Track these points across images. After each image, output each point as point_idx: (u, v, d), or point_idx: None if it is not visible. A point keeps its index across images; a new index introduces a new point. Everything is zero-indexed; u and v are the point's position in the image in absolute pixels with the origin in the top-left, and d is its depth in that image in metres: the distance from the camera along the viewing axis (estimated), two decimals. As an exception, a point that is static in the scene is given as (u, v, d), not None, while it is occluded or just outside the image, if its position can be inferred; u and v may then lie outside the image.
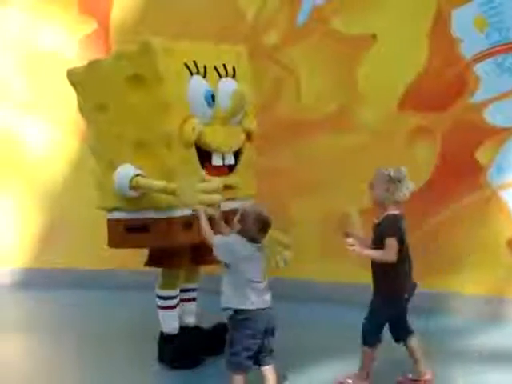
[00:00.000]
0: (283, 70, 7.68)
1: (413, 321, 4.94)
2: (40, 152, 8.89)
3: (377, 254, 4.69)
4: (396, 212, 4.75)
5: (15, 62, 8.90)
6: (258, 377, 4.61)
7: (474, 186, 6.71)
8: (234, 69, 5.53)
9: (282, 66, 7.67)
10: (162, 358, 5.53)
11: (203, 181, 4.99)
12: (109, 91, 5.32)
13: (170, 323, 5.54)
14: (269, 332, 4.55)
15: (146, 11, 8.30)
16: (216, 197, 4.84)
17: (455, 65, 6.76)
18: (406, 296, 4.80)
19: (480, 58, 6.64)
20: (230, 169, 5.50)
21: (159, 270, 5.61)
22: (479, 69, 6.68)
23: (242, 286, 4.49)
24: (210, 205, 4.80)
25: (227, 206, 5.17)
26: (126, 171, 5.19)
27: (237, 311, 4.51)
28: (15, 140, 8.95)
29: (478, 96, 6.69)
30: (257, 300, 4.48)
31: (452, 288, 6.75)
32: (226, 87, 5.38)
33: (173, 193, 4.91)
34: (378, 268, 4.76)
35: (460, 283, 6.77)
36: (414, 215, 6.90)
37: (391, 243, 4.64)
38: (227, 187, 5.37)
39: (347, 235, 4.74)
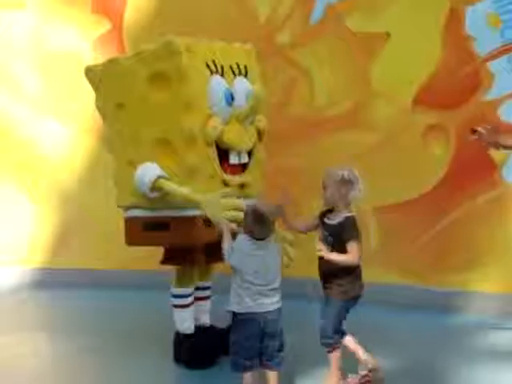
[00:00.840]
0: (297, 69, 7.68)
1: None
2: (56, 152, 8.90)
3: (343, 258, 4.64)
4: (353, 214, 4.75)
5: (30, 63, 8.92)
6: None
7: (489, 183, 6.70)
8: (245, 67, 5.56)
9: (295, 64, 7.67)
10: (178, 358, 5.54)
11: (227, 196, 4.98)
12: (129, 89, 5.32)
13: (184, 322, 5.54)
14: (268, 336, 4.49)
15: (159, 11, 8.30)
16: (239, 214, 4.79)
17: (469, 62, 6.76)
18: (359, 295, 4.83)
19: (494, 55, 6.64)
20: (244, 167, 5.52)
21: (174, 269, 5.63)
22: (493, 66, 6.68)
23: (241, 288, 4.48)
24: (232, 221, 4.78)
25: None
26: (148, 171, 5.20)
27: (234, 313, 4.52)
28: (32, 140, 8.97)
29: (492, 93, 6.69)
30: (252, 304, 4.44)
31: (468, 286, 6.75)
32: (241, 86, 5.39)
33: (195, 203, 4.95)
34: (336, 270, 4.70)
35: (476, 281, 6.76)
36: (429, 213, 6.97)
37: (357, 246, 4.65)
38: (242, 185, 5.42)
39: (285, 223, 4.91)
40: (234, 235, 4.66)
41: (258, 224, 4.48)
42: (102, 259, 8.51)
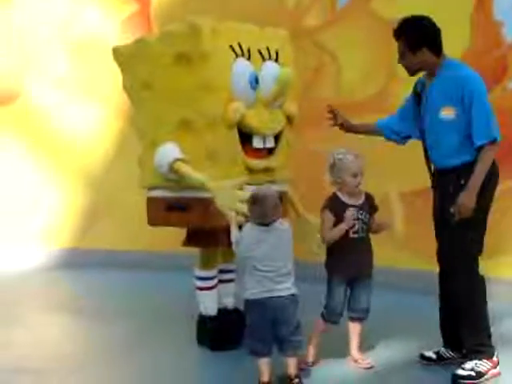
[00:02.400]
0: (324, 52, 7.67)
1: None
2: (85, 133, 8.96)
3: None
4: None
5: (59, 44, 8.96)
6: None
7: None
8: (277, 52, 5.51)
9: (322, 48, 7.65)
10: (201, 340, 5.58)
11: (241, 187, 5.01)
12: (154, 69, 5.35)
13: (208, 304, 5.58)
14: (280, 322, 4.48)
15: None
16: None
17: (497, 48, 6.71)
18: None
19: (523, 41, 6.61)
20: (270, 151, 5.51)
21: (198, 251, 5.65)
22: (521, 53, 6.65)
23: (250, 274, 4.52)
24: (241, 214, 4.82)
25: None
26: (168, 152, 5.24)
27: (246, 299, 4.57)
28: (60, 121, 9.02)
29: (519, 80, 6.66)
30: (262, 290, 4.46)
31: (493, 272, 6.72)
32: (270, 70, 5.36)
33: (208, 190, 4.99)
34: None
35: (501, 267, 6.75)
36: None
37: None
38: (267, 170, 5.42)
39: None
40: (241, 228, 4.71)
41: (256, 207, 4.49)
42: (128, 241, 8.57)
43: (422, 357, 5.05)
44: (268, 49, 5.43)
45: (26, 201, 9.13)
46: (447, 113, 4.73)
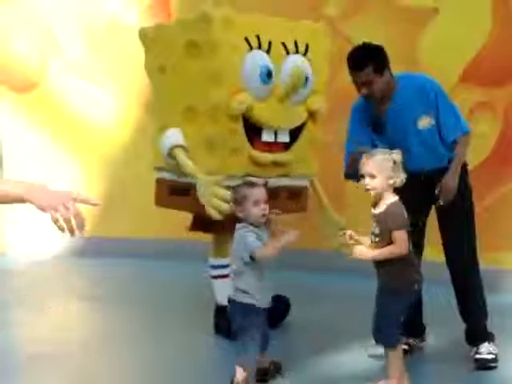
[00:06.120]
0: (344, 42, 7.63)
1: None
2: (103, 121, 8.97)
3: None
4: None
5: (78, 31, 8.97)
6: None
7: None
8: (306, 46, 5.47)
9: (343, 37, 7.62)
10: (218, 330, 5.61)
11: (222, 184, 5.00)
12: (169, 55, 5.46)
13: (223, 293, 5.51)
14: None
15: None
16: (224, 206, 4.84)
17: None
18: None
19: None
20: (286, 146, 5.48)
21: (212, 240, 5.70)
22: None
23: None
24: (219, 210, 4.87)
25: (278, 182, 5.21)
26: (170, 137, 5.37)
27: None
28: (78, 108, 9.04)
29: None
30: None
31: (505, 265, 6.73)
32: (291, 64, 5.33)
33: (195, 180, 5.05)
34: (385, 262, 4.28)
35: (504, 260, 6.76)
36: (474, 190, 6.91)
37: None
38: (279, 164, 5.40)
39: None
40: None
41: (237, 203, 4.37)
42: (145, 229, 8.58)
43: None
44: (296, 42, 5.38)
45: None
46: (425, 122, 4.78)
